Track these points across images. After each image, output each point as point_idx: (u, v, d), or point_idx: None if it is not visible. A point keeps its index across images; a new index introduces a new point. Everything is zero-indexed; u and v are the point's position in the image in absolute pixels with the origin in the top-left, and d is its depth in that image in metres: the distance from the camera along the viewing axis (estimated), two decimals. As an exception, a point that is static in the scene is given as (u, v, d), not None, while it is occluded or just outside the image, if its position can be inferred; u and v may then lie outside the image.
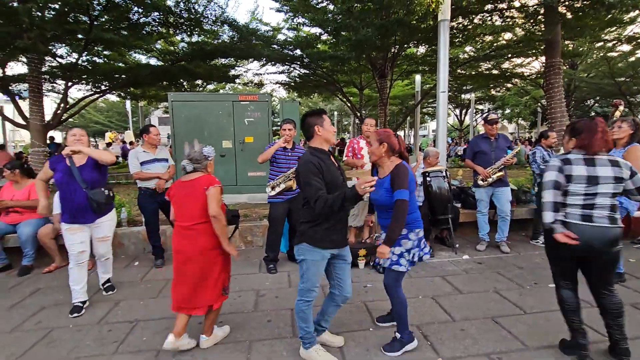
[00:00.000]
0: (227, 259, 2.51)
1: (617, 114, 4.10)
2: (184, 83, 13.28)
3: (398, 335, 2.39)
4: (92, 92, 10.06)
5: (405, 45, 10.26)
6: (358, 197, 1.91)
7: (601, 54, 13.14)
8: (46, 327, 2.84)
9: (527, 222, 5.15)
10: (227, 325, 2.75)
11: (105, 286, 3.47)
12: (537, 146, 4.83)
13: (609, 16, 7.70)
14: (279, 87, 15.57)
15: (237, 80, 14.65)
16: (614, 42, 12.02)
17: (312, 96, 22.18)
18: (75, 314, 3.00)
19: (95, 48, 8.73)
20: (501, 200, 4.40)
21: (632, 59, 13.16)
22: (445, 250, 4.53)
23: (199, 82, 14.95)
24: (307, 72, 12.62)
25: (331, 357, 2.29)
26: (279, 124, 4.90)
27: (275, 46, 10.47)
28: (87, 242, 3.11)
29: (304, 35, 11.22)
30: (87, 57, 9.08)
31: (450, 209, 4.30)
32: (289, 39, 11.12)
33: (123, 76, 9.75)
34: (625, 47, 12.67)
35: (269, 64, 12.06)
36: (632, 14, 10.02)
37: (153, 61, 12.21)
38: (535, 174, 4.79)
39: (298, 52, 10.51)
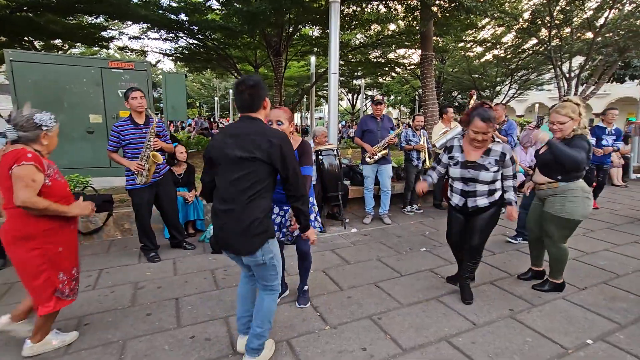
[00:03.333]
0: (56, 254, 2.02)
1: (472, 102, 4.89)
2: (35, 42, 10.69)
3: (306, 287, 2.75)
4: None
5: (300, 26, 10.25)
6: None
7: (462, 53, 15.48)
8: None
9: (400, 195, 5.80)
10: (75, 332, 2.32)
11: None
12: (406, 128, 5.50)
13: (468, 21, 9.06)
14: (165, 58, 13.93)
15: (112, 46, 12.50)
16: (471, 43, 14.27)
17: (204, 72, 20.58)
18: None
19: None
20: (383, 175, 4.83)
21: (483, 59, 15.90)
22: (336, 225, 4.78)
23: (59, 42, 12.26)
24: (196, 42, 11.55)
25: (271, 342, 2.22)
26: (162, 94, 4.33)
27: (155, 9, 9.21)
28: None
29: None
30: None
31: (341, 186, 4.53)
32: (172, 3, 9.92)
33: None
34: (479, 49, 15.20)
35: (151, 30, 10.60)
36: (484, 21, 12.04)
37: (-17, 8, 9.45)
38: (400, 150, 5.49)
39: (183, 17, 9.47)
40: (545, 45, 10.20)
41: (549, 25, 9.50)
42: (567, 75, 10.34)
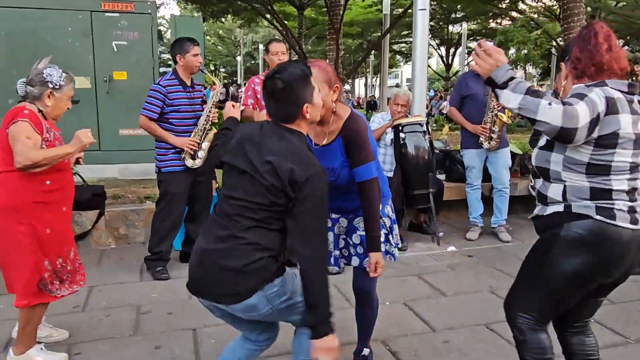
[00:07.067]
0: (48, 235, 2.50)
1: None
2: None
3: (367, 350, 2.65)
4: None
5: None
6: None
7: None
8: None
9: (532, 199, 5.65)
10: (63, 354, 2.70)
11: None
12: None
13: None
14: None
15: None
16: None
17: (223, 19, 21.54)
18: None
19: None
20: (497, 166, 4.76)
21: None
22: (424, 240, 4.83)
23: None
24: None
25: None
26: (167, 52, 4.77)
27: None
28: None
29: None
30: None
31: (432, 180, 4.54)
32: None
33: None
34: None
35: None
36: None
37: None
38: None
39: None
40: None
41: None
42: None
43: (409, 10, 12.70)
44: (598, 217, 1.76)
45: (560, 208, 1.85)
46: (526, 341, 1.96)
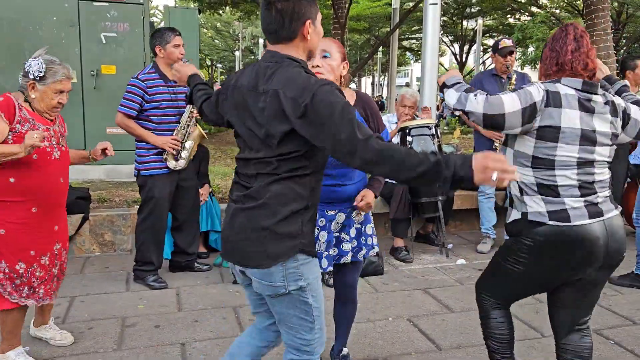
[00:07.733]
0: (1, 236, 2.51)
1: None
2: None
3: (346, 350, 2.77)
4: None
5: None
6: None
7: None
8: None
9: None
10: None
11: None
12: None
13: None
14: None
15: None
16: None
17: (221, 11, 21.66)
18: None
19: None
20: None
21: None
22: (431, 252, 4.86)
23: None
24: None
25: None
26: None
27: None
28: None
29: None
30: None
31: (441, 188, 4.57)
32: None
33: None
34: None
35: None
36: None
37: None
38: None
39: None
40: None
41: None
42: None
43: (420, 4, 12.78)
44: (551, 222, 1.94)
45: (518, 215, 2.07)
46: (487, 318, 2.34)
